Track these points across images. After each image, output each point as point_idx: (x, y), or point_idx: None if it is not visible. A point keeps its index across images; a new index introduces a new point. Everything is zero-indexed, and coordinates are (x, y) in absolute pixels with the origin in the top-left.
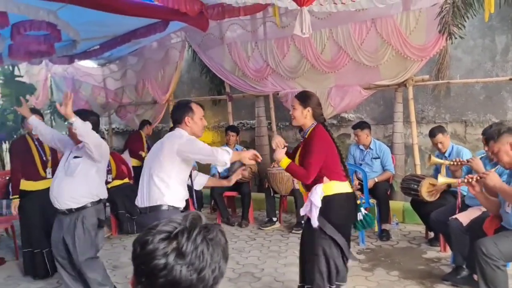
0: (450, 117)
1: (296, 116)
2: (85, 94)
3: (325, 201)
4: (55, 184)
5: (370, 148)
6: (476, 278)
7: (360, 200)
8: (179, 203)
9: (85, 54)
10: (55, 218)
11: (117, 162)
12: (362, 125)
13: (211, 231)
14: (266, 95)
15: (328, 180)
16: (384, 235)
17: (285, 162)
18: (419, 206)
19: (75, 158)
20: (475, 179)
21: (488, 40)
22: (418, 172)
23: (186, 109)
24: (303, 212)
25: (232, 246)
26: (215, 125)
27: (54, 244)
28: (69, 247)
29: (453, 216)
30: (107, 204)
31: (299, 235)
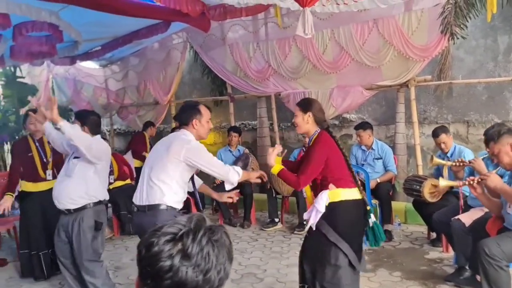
0: (452, 118)
1: (298, 123)
2: (87, 95)
3: (330, 208)
4: (56, 184)
5: (372, 149)
6: (479, 279)
7: (370, 207)
8: (178, 205)
9: (87, 55)
10: (59, 218)
11: (119, 163)
12: (365, 126)
13: (216, 233)
14: (268, 96)
15: (335, 187)
16: (386, 236)
17: (277, 168)
18: (421, 207)
19: (74, 159)
20: (477, 181)
21: (490, 40)
22: (420, 173)
23: (195, 111)
24: (306, 216)
25: (234, 247)
26: (217, 126)
27: (57, 244)
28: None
29: (456, 217)
30: (109, 205)
31: (301, 236)
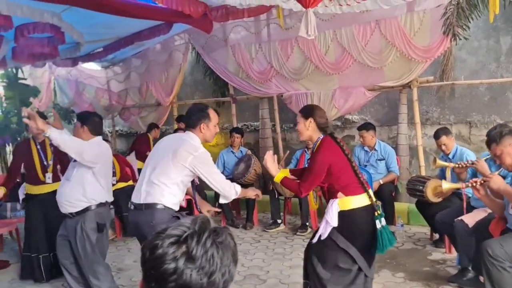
0: (455, 118)
1: (300, 129)
2: (89, 97)
3: (340, 216)
4: (59, 188)
5: (375, 150)
6: (482, 280)
7: (379, 209)
8: (175, 206)
9: (89, 57)
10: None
11: (121, 165)
12: (368, 126)
13: (221, 235)
14: (270, 97)
15: (344, 196)
16: None
17: (279, 177)
18: (424, 208)
19: (74, 162)
20: (479, 183)
21: (493, 41)
22: (423, 174)
23: (203, 115)
24: (321, 231)
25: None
26: (219, 127)
27: (58, 244)
28: (74, 251)
29: (459, 218)
30: (111, 207)
31: (304, 237)
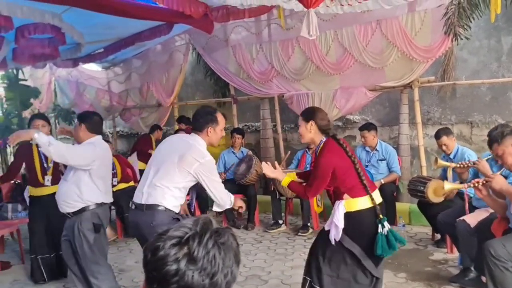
0: (456, 118)
1: (301, 132)
2: (90, 97)
3: (346, 217)
4: (58, 187)
5: (376, 150)
6: (484, 280)
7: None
8: (176, 208)
9: (89, 57)
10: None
11: (122, 165)
12: (369, 127)
13: (223, 235)
14: (271, 97)
15: (350, 197)
16: None
17: (286, 181)
18: (426, 208)
19: None
20: (481, 183)
21: (494, 41)
22: (424, 174)
23: (211, 119)
24: (327, 227)
25: None
26: None
27: (63, 247)
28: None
29: (461, 218)
30: (112, 208)
31: (305, 238)
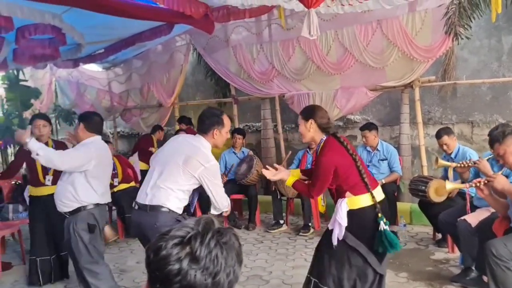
0: (457, 118)
1: (301, 132)
2: (90, 98)
3: (349, 215)
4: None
5: (377, 150)
6: (486, 280)
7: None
8: (179, 210)
9: (90, 58)
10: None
11: (123, 166)
12: (370, 126)
13: (225, 235)
14: (272, 98)
15: (352, 195)
16: None
17: (291, 180)
18: (427, 207)
19: None
20: (483, 183)
21: (495, 41)
22: (425, 173)
23: (217, 121)
24: (331, 226)
25: None
26: None
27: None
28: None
29: (462, 218)
30: (114, 208)
31: (307, 238)
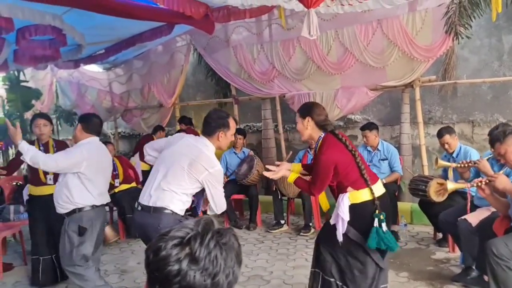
0: (457, 118)
1: (299, 129)
2: (91, 99)
3: (351, 209)
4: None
5: (378, 149)
6: (486, 279)
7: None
8: (182, 212)
9: (91, 59)
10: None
11: (124, 166)
12: (371, 126)
13: (224, 236)
14: (273, 98)
15: (353, 190)
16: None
17: (292, 177)
18: (427, 207)
19: None
20: (484, 182)
21: (495, 40)
22: (426, 173)
23: (223, 123)
24: (333, 221)
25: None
26: None
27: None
28: None
29: (462, 217)
30: (114, 209)
31: (307, 238)
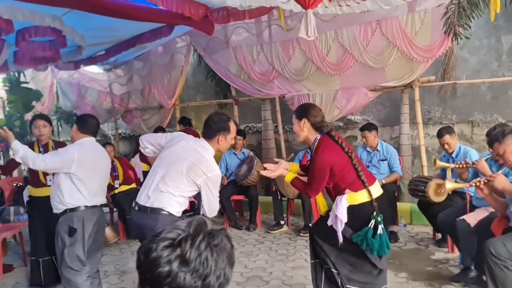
0: (457, 118)
1: (295, 131)
2: (91, 100)
3: (349, 210)
4: None
5: (377, 150)
6: (485, 279)
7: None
8: (179, 213)
9: (91, 60)
10: None
11: (124, 167)
12: (370, 127)
13: (216, 237)
14: (272, 98)
15: (351, 191)
16: (392, 237)
17: (289, 177)
18: (427, 208)
19: None
20: (483, 182)
21: (494, 40)
22: (425, 173)
23: (224, 127)
24: (330, 222)
25: (240, 250)
26: None
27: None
28: None
29: (461, 217)
30: (115, 210)
31: (307, 238)
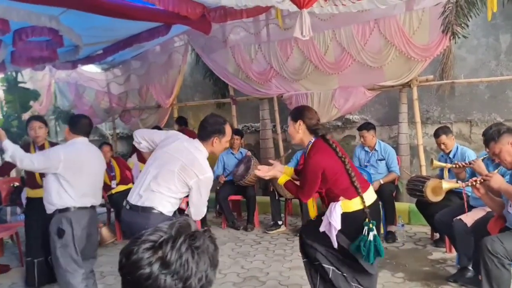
0: (455, 117)
1: (290, 133)
2: (89, 99)
3: (343, 217)
4: None
5: (375, 150)
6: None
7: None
8: (170, 213)
9: (88, 59)
10: None
11: (121, 168)
12: (368, 126)
13: (198, 239)
14: (271, 98)
15: (345, 199)
16: (390, 237)
17: (283, 179)
18: (424, 207)
19: None
20: (479, 182)
21: (492, 39)
22: (423, 173)
23: (219, 129)
24: (323, 229)
25: (237, 250)
26: None
27: None
28: None
29: (457, 217)
30: (112, 210)
31: None
